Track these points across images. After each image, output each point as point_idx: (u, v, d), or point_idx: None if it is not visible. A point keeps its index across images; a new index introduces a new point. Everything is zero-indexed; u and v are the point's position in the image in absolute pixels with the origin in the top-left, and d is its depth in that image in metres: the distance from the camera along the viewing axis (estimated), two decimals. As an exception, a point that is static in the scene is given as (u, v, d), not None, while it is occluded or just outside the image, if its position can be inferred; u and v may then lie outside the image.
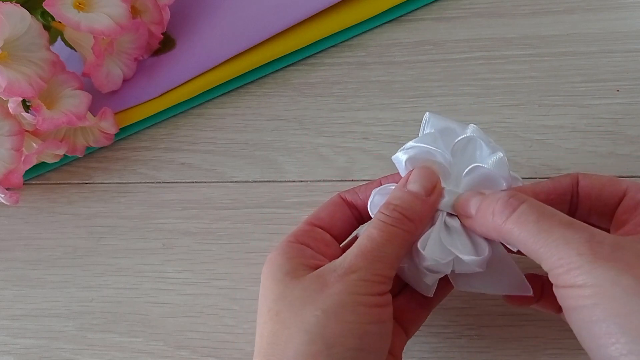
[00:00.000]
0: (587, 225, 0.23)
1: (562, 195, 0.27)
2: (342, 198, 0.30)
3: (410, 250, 0.27)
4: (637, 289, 0.20)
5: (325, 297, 0.24)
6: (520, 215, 0.23)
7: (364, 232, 0.26)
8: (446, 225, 0.27)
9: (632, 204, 0.25)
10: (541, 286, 0.28)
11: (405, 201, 0.26)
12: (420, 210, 0.26)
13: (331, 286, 0.24)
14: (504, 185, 0.26)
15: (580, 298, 0.21)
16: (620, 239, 0.22)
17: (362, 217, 0.30)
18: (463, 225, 0.27)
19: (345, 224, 0.30)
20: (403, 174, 0.28)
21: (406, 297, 0.30)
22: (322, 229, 0.29)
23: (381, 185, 0.29)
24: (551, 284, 0.23)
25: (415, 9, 0.43)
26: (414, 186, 0.27)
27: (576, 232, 0.22)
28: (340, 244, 0.30)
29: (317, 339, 0.23)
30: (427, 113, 0.29)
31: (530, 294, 0.27)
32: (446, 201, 0.27)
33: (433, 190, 0.27)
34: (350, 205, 0.30)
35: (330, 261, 0.26)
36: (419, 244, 0.26)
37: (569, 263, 0.21)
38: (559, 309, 0.25)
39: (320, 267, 0.26)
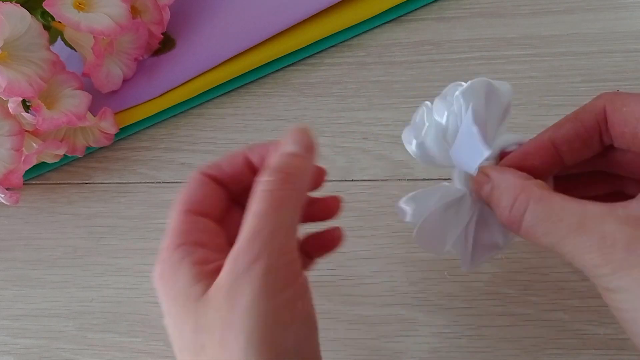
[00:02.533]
0: (597, 217, 0.21)
1: (587, 140, 0.24)
2: (205, 175, 0.26)
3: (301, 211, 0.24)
4: None
5: (241, 314, 0.20)
6: (528, 228, 0.22)
7: (249, 211, 0.22)
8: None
9: None
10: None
11: (284, 162, 0.23)
12: (303, 165, 0.24)
13: (240, 295, 0.20)
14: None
15: (616, 301, 0.20)
16: (634, 229, 0.20)
17: (232, 193, 0.26)
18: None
19: (221, 202, 0.25)
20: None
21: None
22: (200, 215, 0.24)
23: (248, 157, 0.26)
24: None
25: (415, 9, 0.43)
26: (293, 147, 0.24)
27: (587, 239, 0.20)
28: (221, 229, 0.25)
29: (264, 349, 0.20)
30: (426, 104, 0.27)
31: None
32: (464, 183, 0.26)
33: (310, 146, 0.24)
34: (218, 182, 0.26)
35: (217, 254, 0.22)
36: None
37: (590, 272, 0.21)
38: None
39: (219, 268, 0.22)
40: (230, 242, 0.22)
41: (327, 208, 0.28)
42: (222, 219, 0.25)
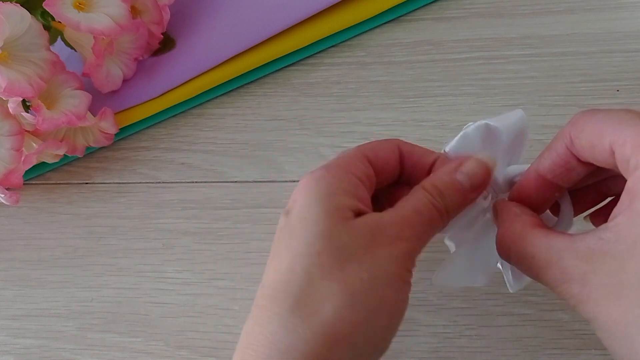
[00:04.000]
0: (558, 253, 0.22)
1: (565, 165, 0.25)
2: (399, 149, 0.28)
3: None
4: (614, 327, 0.20)
5: (374, 259, 0.22)
6: (515, 265, 0.25)
7: (414, 201, 0.25)
8: None
9: (623, 165, 0.22)
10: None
11: (450, 190, 0.25)
12: (459, 204, 0.26)
13: (380, 247, 0.23)
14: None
15: (595, 331, 0.22)
16: (586, 264, 0.21)
17: (403, 174, 0.28)
18: None
19: (392, 175, 0.27)
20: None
21: None
22: (373, 167, 0.26)
23: (435, 163, 0.27)
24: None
25: (415, 9, 0.43)
26: (463, 178, 0.26)
27: (552, 274, 0.22)
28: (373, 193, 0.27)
29: (359, 307, 0.22)
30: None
31: None
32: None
33: (480, 187, 0.26)
34: (402, 160, 0.28)
35: (369, 202, 0.25)
36: None
37: (567, 303, 0.22)
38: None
39: (365, 213, 0.24)
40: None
41: None
42: (385, 184, 0.28)
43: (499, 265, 0.28)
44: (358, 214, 0.24)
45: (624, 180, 0.22)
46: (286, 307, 0.22)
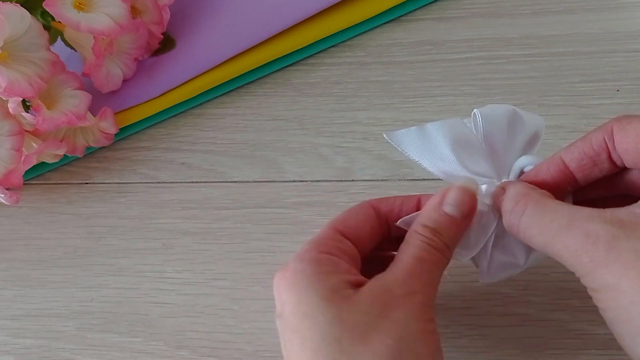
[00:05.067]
0: (585, 218, 0.22)
1: (595, 157, 0.25)
2: (374, 208, 0.27)
3: None
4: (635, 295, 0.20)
5: (392, 323, 0.22)
6: (525, 230, 0.24)
7: (408, 251, 0.25)
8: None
9: None
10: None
11: (443, 226, 0.25)
12: (456, 235, 0.26)
13: (394, 310, 0.22)
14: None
15: (600, 301, 0.21)
16: (617, 229, 0.21)
17: (389, 232, 0.28)
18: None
19: (373, 239, 0.27)
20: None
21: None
22: (348, 239, 0.26)
23: (420, 202, 0.27)
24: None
25: (415, 9, 0.43)
26: (451, 209, 0.25)
27: (573, 237, 0.22)
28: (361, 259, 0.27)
29: None
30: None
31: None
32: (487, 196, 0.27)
33: (470, 213, 0.26)
34: (381, 218, 0.27)
35: (358, 274, 0.25)
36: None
37: (577, 271, 0.22)
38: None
39: (361, 283, 0.24)
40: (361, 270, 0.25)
41: None
42: (368, 251, 0.27)
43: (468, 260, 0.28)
44: (357, 285, 0.24)
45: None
46: None
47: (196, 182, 0.40)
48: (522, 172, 0.27)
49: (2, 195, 0.39)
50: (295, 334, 0.23)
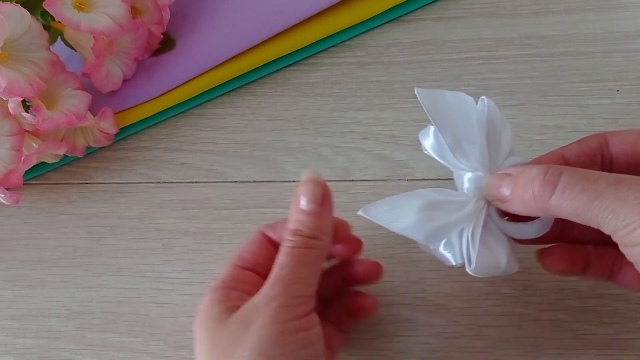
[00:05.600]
0: (633, 177, 0.22)
1: (592, 157, 0.26)
2: (263, 234, 0.30)
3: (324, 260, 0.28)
4: None
5: (251, 334, 0.24)
6: (565, 189, 0.22)
7: (276, 262, 0.26)
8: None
9: None
10: (585, 257, 0.27)
11: (303, 222, 0.27)
12: (319, 224, 0.27)
13: (254, 321, 0.25)
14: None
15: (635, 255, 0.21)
16: None
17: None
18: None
19: (269, 260, 0.28)
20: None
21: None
22: (247, 269, 0.29)
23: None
24: (595, 253, 0.25)
25: (415, 9, 0.43)
26: (305, 204, 0.27)
27: (629, 188, 0.21)
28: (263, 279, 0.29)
29: None
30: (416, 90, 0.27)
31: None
32: (475, 187, 0.26)
33: (324, 199, 0.27)
34: (272, 242, 0.30)
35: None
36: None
37: (633, 222, 0.21)
38: (609, 274, 0.26)
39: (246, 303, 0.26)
40: None
41: (368, 272, 0.31)
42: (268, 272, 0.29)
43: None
44: (235, 309, 0.26)
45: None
46: None
47: (196, 182, 0.40)
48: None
49: (2, 195, 0.39)
50: (195, 357, 0.27)
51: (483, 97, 0.27)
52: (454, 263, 0.27)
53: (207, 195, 0.39)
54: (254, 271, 0.29)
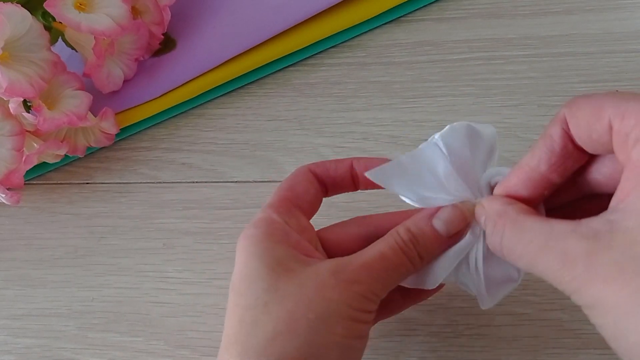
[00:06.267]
0: (561, 235, 0.21)
1: (563, 149, 0.23)
2: (312, 172, 0.28)
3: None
4: (623, 307, 0.19)
5: (322, 300, 0.23)
6: (509, 253, 0.23)
7: (379, 245, 0.25)
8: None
9: (621, 140, 0.20)
10: None
11: (424, 237, 0.25)
12: (434, 251, 0.26)
13: (329, 290, 0.23)
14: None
15: (594, 318, 0.20)
16: (593, 243, 0.20)
17: (327, 192, 0.29)
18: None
19: (315, 200, 0.28)
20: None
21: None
22: (296, 206, 0.27)
23: (352, 166, 0.28)
24: None
25: (415, 10, 0.44)
26: (439, 225, 0.25)
27: (552, 257, 0.21)
28: (309, 220, 0.28)
29: (305, 346, 0.23)
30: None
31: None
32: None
33: (457, 235, 0.26)
34: (320, 181, 0.28)
35: (309, 247, 0.26)
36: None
37: (565, 291, 0.21)
38: None
39: (310, 258, 0.25)
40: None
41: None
42: (313, 212, 0.28)
43: (465, 284, 0.27)
44: (303, 261, 0.25)
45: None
46: (235, 354, 0.23)
47: (197, 182, 0.40)
48: (492, 187, 0.26)
49: (3, 195, 0.39)
50: (234, 292, 0.25)
51: (435, 135, 0.26)
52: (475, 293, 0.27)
53: (208, 195, 0.40)
54: (300, 208, 0.27)
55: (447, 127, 0.26)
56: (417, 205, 0.26)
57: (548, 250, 0.21)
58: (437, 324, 0.32)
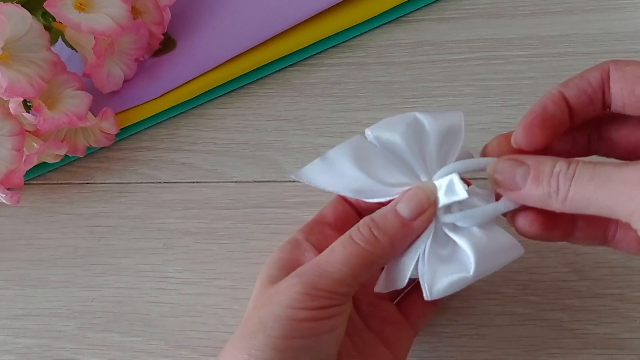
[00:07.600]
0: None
1: (593, 94, 0.24)
2: (341, 197, 0.30)
3: (379, 267, 0.26)
4: None
5: (270, 305, 0.25)
6: (580, 191, 0.21)
7: (337, 243, 0.25)
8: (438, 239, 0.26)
9: None
10: (570, 221, 0.25)
11: (386, 221, 0.25)
12: (399, 234, 0.25)
13: (279, 294, 0.25)
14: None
15: None
16: None
17: (359, 214, 0.30)
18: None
19: (348, 217, 0.29)
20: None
21: (413, 292, 0.30)
22: (326, 225, 0.28)
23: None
24: (583, 217, 0.24)
25: (415, 10, 0.44)
26: (402, 208, 0.25)
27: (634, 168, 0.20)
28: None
29: (250, 346, 0.24)
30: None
31: (522, 252, 0.26)
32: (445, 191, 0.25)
33: (420, 215, 0.25)
34: (350, 203, 0.30)
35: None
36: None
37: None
38: (602, 239, 0.25)
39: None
40: None
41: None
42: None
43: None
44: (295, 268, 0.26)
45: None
46: None
47: (197, 182, 0.40)
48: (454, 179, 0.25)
49: (3, 195, 0.39)
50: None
51: (366, 130, 0.27)
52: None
53: (208, 195, 0.40)
54: (333, 226, 0.29)
55: (382, 121, 0.27)
56: (348, 195, 0.27)
57: (627, 165, 0.21)
58: (437, 324, 0.32)
